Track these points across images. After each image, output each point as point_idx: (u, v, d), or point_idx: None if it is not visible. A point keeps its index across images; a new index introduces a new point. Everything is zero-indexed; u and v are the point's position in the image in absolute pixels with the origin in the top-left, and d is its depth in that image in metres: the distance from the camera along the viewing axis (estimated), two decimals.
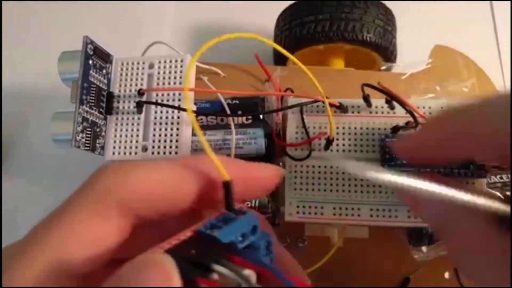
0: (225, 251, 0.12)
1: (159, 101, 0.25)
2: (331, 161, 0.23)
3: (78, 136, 0.23)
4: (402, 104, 0.22)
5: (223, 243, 0.12)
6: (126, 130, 0.25)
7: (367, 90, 0.24)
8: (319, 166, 0.23)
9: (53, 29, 0.42)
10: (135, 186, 0.13)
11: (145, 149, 0.24)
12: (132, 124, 0.25)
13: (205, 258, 0.12)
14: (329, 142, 0.24)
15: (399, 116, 0.25)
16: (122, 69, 0.26)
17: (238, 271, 0.11)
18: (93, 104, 0.24)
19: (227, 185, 0.14)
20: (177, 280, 0.10)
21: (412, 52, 0.31)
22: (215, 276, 0.11)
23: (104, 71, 0.26)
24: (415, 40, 0.34)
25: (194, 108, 0.26)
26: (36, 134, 0.38)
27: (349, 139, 0.25)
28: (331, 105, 0.25)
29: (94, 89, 0.25)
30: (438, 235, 0.22)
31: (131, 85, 0.26)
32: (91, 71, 0.24)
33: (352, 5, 0.30)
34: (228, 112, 0.26)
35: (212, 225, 0.13)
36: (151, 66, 0.26)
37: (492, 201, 0.13)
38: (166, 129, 0.25)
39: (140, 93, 0.25)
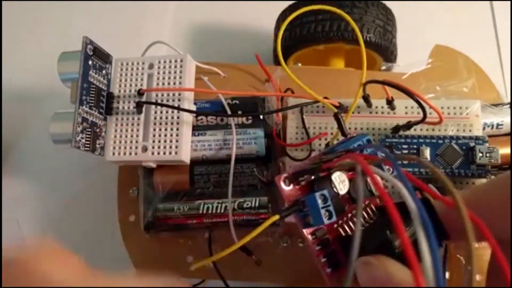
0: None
1: (159, 101, 0.25)
2: None
3: (78, 136, 0.23)
4: (411, 94, 0.21)
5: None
6: (126, 130, 0.25)
7: (371, 88, 0.23)
8: None
9: (53, 29, 0.42)
10: None
11: (145, 149, 0.24)
12: (132, 125, 0.25)
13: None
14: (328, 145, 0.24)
15: (399, 116, 0.25)
16: (121, 69, 0.26)
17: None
18: (92, 104, 0.24)
19: (337, 117, 0.22)
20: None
21: (412, 52, 0.31)
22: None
23: (103, 71, 0.26)
24: (415, 40, 0.34)
25: (194, 108, 0.26)
26: (36, 134, 0.38)
27: None
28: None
29: (94, 89, 0.24)
30: None
31: (130, 85, 0.26)
32: (90, 72, 0.24)
33: (352, 5, 0.30)
34: (229, 112, 0.26)
35: (331, 148, 0.19)
36: (150, 66, 0.26)
37: None
38: (166, 129, 0.24)
39: (140, 93, 0.25)
